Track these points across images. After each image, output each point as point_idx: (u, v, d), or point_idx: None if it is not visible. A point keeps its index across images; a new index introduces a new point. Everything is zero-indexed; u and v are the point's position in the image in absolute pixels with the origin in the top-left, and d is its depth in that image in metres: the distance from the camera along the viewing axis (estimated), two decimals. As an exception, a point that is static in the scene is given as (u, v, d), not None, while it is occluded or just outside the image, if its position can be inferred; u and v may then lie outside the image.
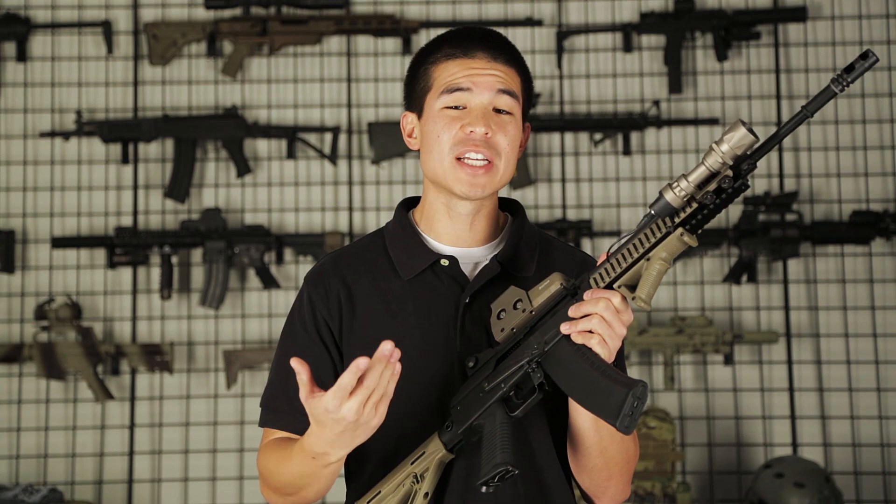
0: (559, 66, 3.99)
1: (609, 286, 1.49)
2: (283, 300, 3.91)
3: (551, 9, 4.05)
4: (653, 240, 1.46)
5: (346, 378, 1.40)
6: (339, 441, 1.46)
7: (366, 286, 1.66)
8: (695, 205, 1.43)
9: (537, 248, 1.70)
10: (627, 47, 3.98)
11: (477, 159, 1.61)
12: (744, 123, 1.40)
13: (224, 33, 3.94)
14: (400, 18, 3.97)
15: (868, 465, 3.84)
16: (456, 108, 1.62)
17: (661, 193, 1.45)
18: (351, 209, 3.96)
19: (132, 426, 3.87)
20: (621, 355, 1.65)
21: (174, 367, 3.87)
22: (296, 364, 1.43)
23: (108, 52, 3.97)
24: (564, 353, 1.50)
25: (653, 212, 1.46)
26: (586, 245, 3.93)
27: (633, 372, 3.90)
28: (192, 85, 4.01)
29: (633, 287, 1.48)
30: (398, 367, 1.42)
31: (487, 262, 1.66)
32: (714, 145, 1.41)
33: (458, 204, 1.66)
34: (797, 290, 3.93)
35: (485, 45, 1.64)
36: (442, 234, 1.68)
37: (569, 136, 4.00)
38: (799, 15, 3.91)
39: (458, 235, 1.67)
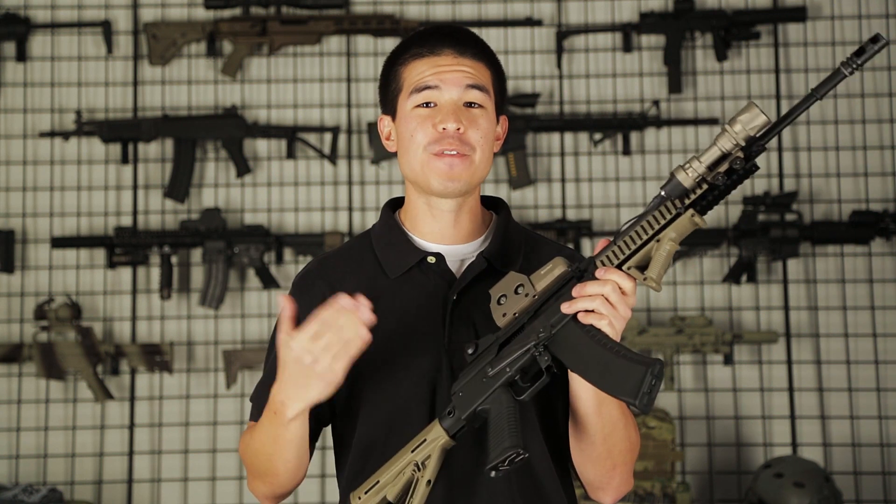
0: (559, 66, 3.99)
1: (618, 267, 1.49)
2: (283, 300, 3.91)
3: (551, 9, 4.05)
4: (662, 221, 1.47)
5: (327, 312, 1.47)
6: (294, 387, 1.50)
7: (352, 286, 1.66)
8: (705, 186, 1.45)
9: (523, 244, 1.71)
10: (627, 47, 3.98)
11: (451, 153, 1.62)
12: (756, 105, 1.43)
13: (224, 33, 3.94)
14: (400, 18, 3.97)
15: (868, 465, 3.84)
16: (427, 105, 1.64)
17: (672, 174, 1.46)
18: (351, 209, 3.96)
19: (132, 426, 3.87)
20: None
21: (174, 367, 3.87)
22: (282, 300, 1.51)
23: (108, 52, 3.97)
24: (573, 334, 1.50)
25: (664, 193, 1.47)
26: (586, 245, 3.92)
27: (633, 372, 3.90)
28: (191, 85, 4.01)
29: (641, 269, 1.48)
30: (365, 332, 1.47)
31: (474, 258, 1.67)
32: (727, 126, 1.44)
33: (439, 202, 1.66)
34: (797, 290, 3.93)
35: (451, 42, 1.66)
36: (427, 232, 1.69)
37: (569, 136, 4.00)
38: (798, 15, 3.91)
39: (442, 233, 1.68)
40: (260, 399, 1.68)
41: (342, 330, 1.46)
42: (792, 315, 3.91)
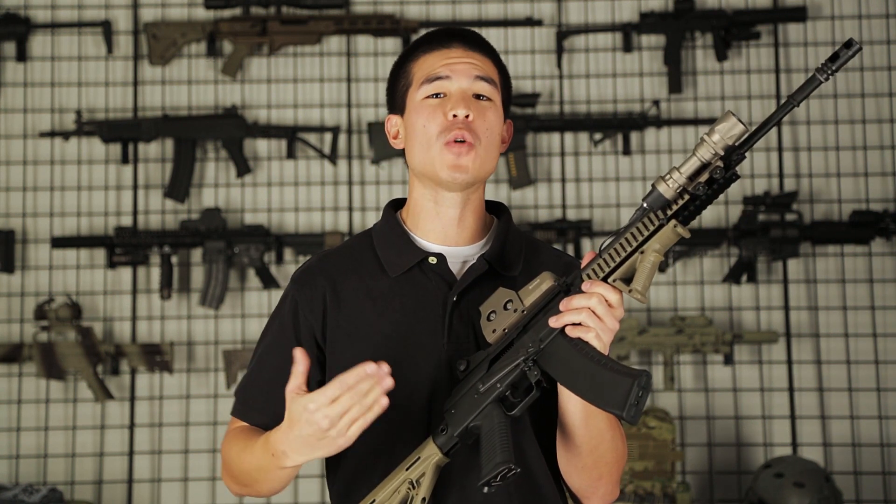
0: (559, 66, 3.99)
1: (604, 280, 1.49)
2: (283, 300, 3.91)
3: (551, 9, 4.05)
4: (646, 233, 1.48)
5: (350, 377, 1.43)
6: (302, 445, 1.47)
7: (353, 284, 1.67)
8: (687, 196, 1.45)
9: (523, 247, 1.71)
10: (627, 47, 3.99)
11: (460, 140, 1.63)
12: (733, 114, 1.43)
13: (224, 33, 3.94)
14: (400, 18, 3.97)
15: (868, 465, 3.84)
16: (437, 96, 1.65)
17: (653, 186, 1.47)
18: (351, 209, 3.97)
19: (132, 426, 3.87)
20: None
21: (174, 367, 3.87)
22: (298, 354, 1.47)
23: (108, 52, 3.97)
24: (561, 348, 1.50)
25: (646, 205, 1.47)
26: (586, 245, 3.93)
27: (633, 372, 3.90)
28: (191, 85, 4.01)
29: (626, 280, 1.49)
30: (385, 400, 1.44)
31: (475, 260, 1.67)
32: (705, 136, 1.44)
33: (445, 197, 1.66)
34: (797, 290, 3.93)
35: (461, 38, 1.69)
36: (429, 232, 1.69)
37: (569, 136, 4.00)
38: (799, 15, 3.91)
39: (445, 233, 1.68)
40: (245, 393, 1.69)
41: (365, 396, 1.43)
42: (792, 315, 3.91)
